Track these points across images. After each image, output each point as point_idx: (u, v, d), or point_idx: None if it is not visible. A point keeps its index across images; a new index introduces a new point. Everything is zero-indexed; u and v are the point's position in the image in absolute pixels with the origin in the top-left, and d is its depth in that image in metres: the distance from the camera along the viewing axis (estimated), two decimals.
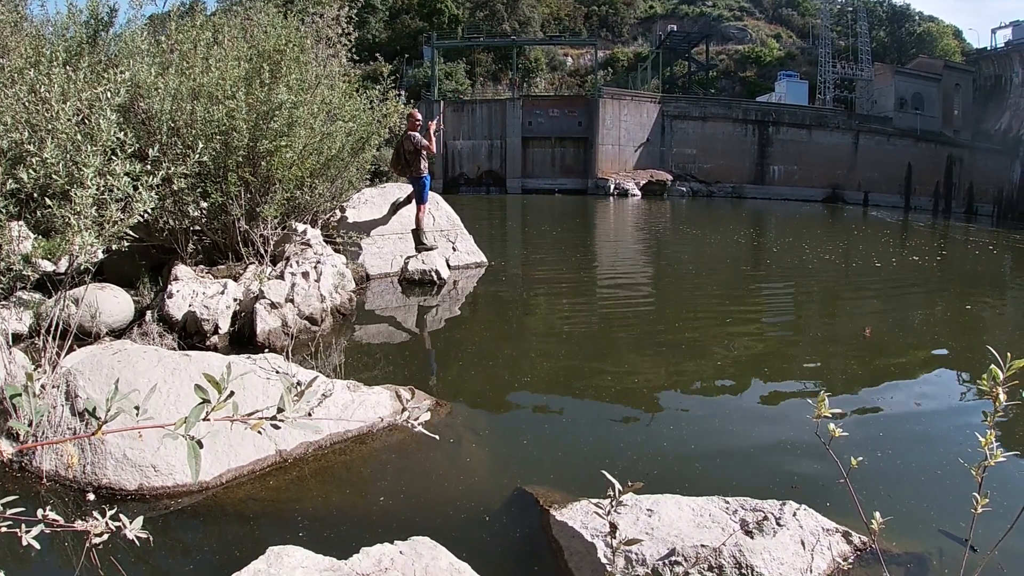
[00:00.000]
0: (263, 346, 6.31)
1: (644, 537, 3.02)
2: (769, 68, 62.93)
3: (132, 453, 3.72)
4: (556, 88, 60.38)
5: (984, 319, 9.56)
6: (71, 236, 4.45)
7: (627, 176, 45.24)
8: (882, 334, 7.93)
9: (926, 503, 3.83)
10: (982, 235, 26.10)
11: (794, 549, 3.05)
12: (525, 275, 11.70)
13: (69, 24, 8.09)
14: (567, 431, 4.87)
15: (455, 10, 61.56)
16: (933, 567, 3.19)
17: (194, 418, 1.40)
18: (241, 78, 7.63)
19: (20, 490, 3.57)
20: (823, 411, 2.36)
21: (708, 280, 12.10)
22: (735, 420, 5.18)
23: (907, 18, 69.92)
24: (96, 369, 4.26)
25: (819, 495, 3.72)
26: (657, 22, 67.92)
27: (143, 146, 6.22)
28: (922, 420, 5.28)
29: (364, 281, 9.85)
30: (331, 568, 2.63)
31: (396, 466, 4.15)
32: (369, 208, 11.11)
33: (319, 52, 9.76)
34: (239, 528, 3.46)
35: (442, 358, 6.96)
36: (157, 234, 7.43)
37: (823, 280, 12.59)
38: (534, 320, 8.64)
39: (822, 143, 48.25)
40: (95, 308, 6.16)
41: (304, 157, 8.24)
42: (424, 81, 51.85)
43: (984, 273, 15.20)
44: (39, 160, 4.67)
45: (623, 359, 6.81)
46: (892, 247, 19.43)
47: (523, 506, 3.68)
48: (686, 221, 27.55)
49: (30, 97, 5.59)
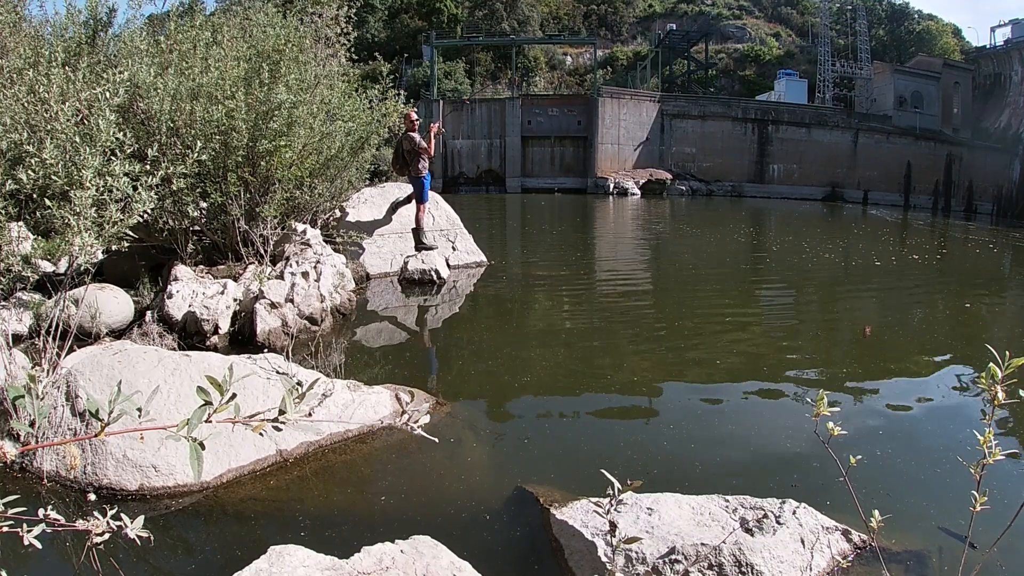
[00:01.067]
0: (263, 346, 6.31)
1: (644, 535, 3.03)
2: (768, 67, 62.97)
3: (133, 453, 3.72)
4: (555, 87, 60.40)
5: (984, 317, 9.57)
6: (71, 237, 4.45)
7: (627, 175, 45.23)
8: (882, 333, 7.94)
9: (925, 501, 3.84)
10: (982, 233, 26.12)
11: (794, 547, 3.06)
12: (525, 274, 11.70)
13: (68, 24, 8.08)
14: (567, 430, 4.88)
15: (454, 9, 61.59)
16: (932, 565, 3.20)
17: (196, 420, 1.40)
18: (240, 78, 7.63)
19: (21, 490, 3.57)
20: (822, 409, 2.36)
21: (708, 279, 12.11)
22: (735, 419, 5.18)
23: (906, 16, 69.95)
24: (96, 369, 4.26)
25: (819, 493, 3.72)
26: (656, 21, 67.97)
27: (142, 146, 6.23)
28: (921, 418, 5.29)
29: (364, 281, 9.86)
30: (332, 567, 2.64)
31: (397, 465, 4.16)
32: (369, 208, 11.11)
33: (318, 52, 9.76)
34: (240, 528, 3.46)
35: (442, 357, 6.96)
36: (157, 234, 7.43)
37: (823, 279, 12.59)
38: (534, 319, 8.65)
39: (821, 142, 48.23)
40: (95, 308, 6.16)
41: (304, 157, 8.24)
42: (423, 80, 51.81)
43: (984, 271, 15.21)
44: (38, 161, 4.68)
45: (623, 358, 6.81)
46: (892, 246, 19.43)
47: (523, 505, 3.69)
48: (685, 220, 27.55)
49: (29, 98, 5.59)
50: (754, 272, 13.71)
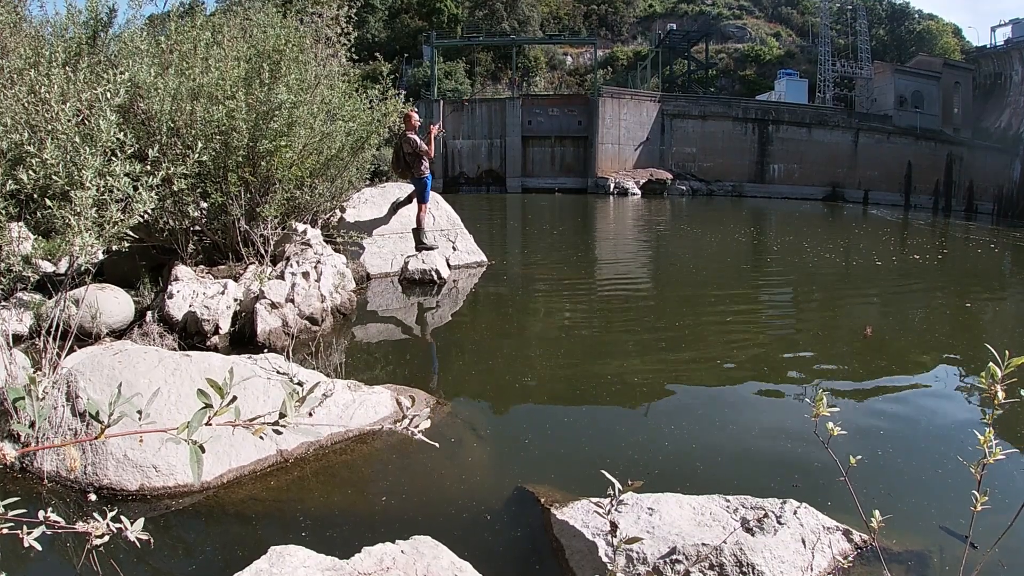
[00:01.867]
0: (263, 346, 6.31)
1: (645, 536, 3.03)
2: (769, 67, 62.99)
3: (133, 453, 3.72)
4: (556, 87, 60.43)
5: (985, 318, 9.56)
6: (71, 237, 4.45)
7: (627, 175, 45.22)
8: (883, 333, 7.93)
9: (926, 501, 3.84)
10: (982, 233, 26.10)
11: (795, 547, 3.06)
12: (525, 274, 11.70)
13: (68, 25, 8.08)
14: (568, 430, 4.87)
15: (454, 9, 61.60)
16: (933, 564, 3.20)
17: (197, 423, 1.40)
18: (241, 78, 7.63)
19: (21, 491, 3.58)
20: (822, 410, 2.36)
21: (708, 279, 12.09)
22: (736, 419, 5.18)
23: (906, 16, 69.97)
24: (97, 370, 4.26)
25: (819, 493, 3.72)
26: (656, 21, 68.00)
27: (143, 147, 6.22)
28: (922, 418, 5.29)
29: (364, 281, 9.86)
30: (333, 567, 2.64)
31: (397, 465, 4.16)
32: (369, 208, 11.11)
33: (318, 52, 9.76)
34: (240, 528, 3.46)
35: (443, 357, 6.96)
36: (157, 234, 7.43)
37: (824, 279, 12.58)
38: (534, 319, 8.65)
39: (822, 141, 48.22)
40: (95, 309, 6.16)
41: (304, 157, 8.24)
42: (424, 80, 51.82)
43: (985, 271, 15.19)
44: (39, 161, 4.67)
45: (624, 358, 6.81)
46: (893, 245, 19.43)
47: (524, 505, 3.69)
48: (686, 220, 27.53)
49: (29, 98, 5.59)
50: (755, 272, 13.70)
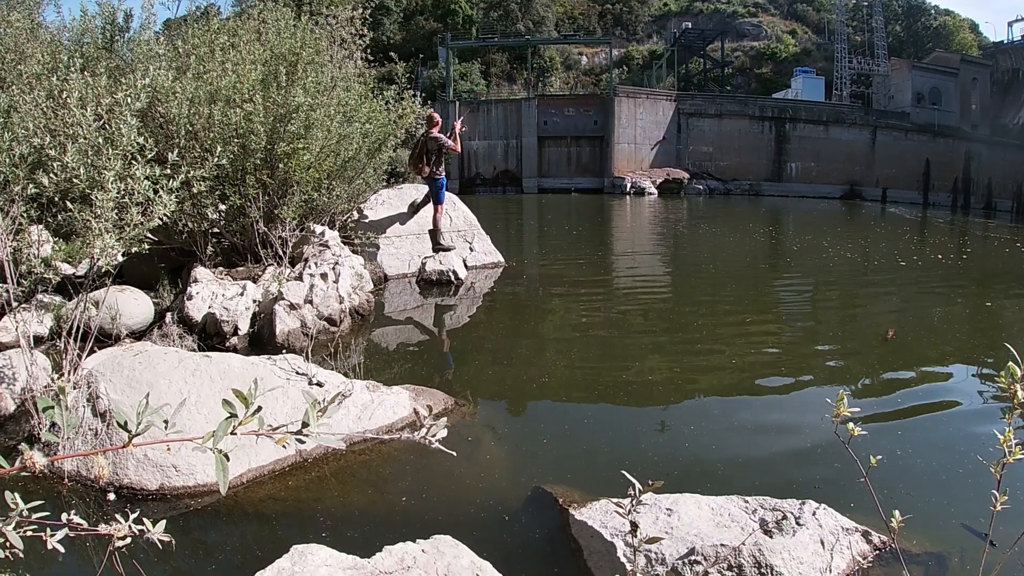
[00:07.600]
0: (282, 347, 6.34)
1: (664, 536, 3.02)
2: (785, 64, 62.50)
3: (154, 454, 3.76)
4: (571, 87, 60.28)
5: (1014, 318, 9.46)
6: (92, 239, 4.49)
7: (643, 174, 45.02)
8: (905, 334, 7.85)
9: (946, 501, 3.81)
10: (1003, 231, 25.81)
11: (814, 548, 3.04)
12: (542, 275, 11.69)
13: (84, 30, 8.16)
14: (586, 431, 4.87)
15: (469, 11, 61.60)
16: (953, 565, 3.17)
17: (222, 433, 1.42)
18: (258, 81, 7.68)
19: (43, 490, 3.62)
20: (842, 410, 2.35)
21: (727, 279, 12.03)
22: (755, 420, 5.16)
23: (923, 12, 69.21)
24: (117, 371, 4.30)
25: (839, 494, 3.70)
26: (671, 19, 67.62)
27: (162, 150, 6.28)
28: (942, 419, 5.24)
29: (382, 282, 9.88)
30: (355, 566, 2.65)
31: (415, 465, 4.17)
32: (386, 209, 11.15)
33: (334, 54, 9.81)
34: (260, 527, 3.48)
35: (460, 358, 6.97)
36: (176, 237, 7.50)
37: (844, 279, 12.48)
38: (552, 320, 8.64)
39: (839, 139, 47.77)
40: (115, 310, 6.22)
41: (321, 159, 8.28)
42: (439, 82, 51.87)
43: (1013, 271, 14.97)
44: (60, 164, 4.72)
45: (642, 359, 6.79)
46: (914, 244, 19.22)
47: (542, 505, 3.69)
48: (704, 219, 27.38)
49: (49, 103, 5.65)
50: (774, 272, 13.63)
